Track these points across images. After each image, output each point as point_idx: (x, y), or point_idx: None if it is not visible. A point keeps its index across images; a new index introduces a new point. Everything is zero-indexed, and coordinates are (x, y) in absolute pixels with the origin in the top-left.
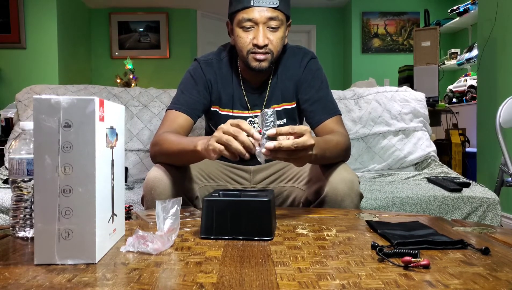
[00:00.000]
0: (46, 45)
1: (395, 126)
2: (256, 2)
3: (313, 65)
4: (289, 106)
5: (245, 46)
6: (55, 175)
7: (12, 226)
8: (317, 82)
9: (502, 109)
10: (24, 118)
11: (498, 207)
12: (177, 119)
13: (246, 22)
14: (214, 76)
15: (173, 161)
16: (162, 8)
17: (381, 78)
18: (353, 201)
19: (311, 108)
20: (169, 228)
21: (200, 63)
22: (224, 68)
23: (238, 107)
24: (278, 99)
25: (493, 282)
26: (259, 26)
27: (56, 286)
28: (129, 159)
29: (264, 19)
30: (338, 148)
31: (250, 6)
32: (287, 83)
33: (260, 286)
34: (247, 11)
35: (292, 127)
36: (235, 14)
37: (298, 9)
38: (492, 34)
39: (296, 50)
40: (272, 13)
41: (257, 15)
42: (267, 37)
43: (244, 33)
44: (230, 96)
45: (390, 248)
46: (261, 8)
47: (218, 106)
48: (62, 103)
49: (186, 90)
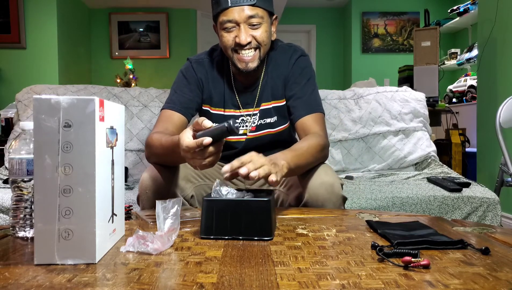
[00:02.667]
0: (46, 45)
1: (395, 126)
2: (233, 2)
3: (302, 63)
4: (279, 103)
5: (228, 45)
6: (55, 175)
7: (12, 226)
8: (303, 79)
9: (502, 109)
10: (24, 118)
11: (498, 207)
12: (170, 118)
13: (227, 24)
14: (206, 75)
15: (164, 161)
16: (162, 8)
17: (381, 78)
18: (335, 205)
19: (293, 103)
20: (169, 228)
21: (191, 63)
22: (215, 67)
23: (229, 106)
24: (269, 97)
25: (493, 282)
26: (240, 25)
27: (56, 286)
28: (129, 159)
29: (244, 18)
30: (311, 152)
31: (228, 7)
32: (277, 80)
33: (260, 286)
34: (226, 13)
35: (239, 159)
36: (217, 17)
37: (298, 9)
38: (492, 34)
39: (286, 48)
40: (251, 11)
41: (236, 15)
42: (249, 34)
43: (227, 34)
44: (221, 95)
45: (390, 248)
46: (240, 8)
47: (209, 105)
48: (62, 103)
49: (178, 89)
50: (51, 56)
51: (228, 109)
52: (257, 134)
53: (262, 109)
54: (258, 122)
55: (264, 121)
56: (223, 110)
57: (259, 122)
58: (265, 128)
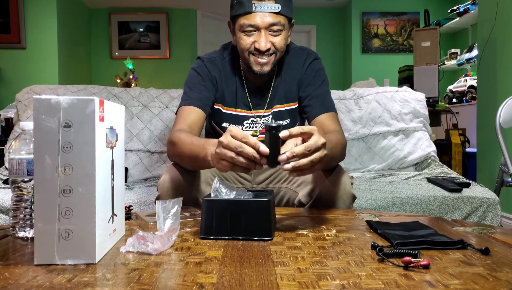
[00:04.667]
0: (46, 45)
1: (395, 126)
2: (258, 8)
3: (316, 65)
4: (292, 106)
5: (246, 48)
6: (55, 175)
7: (12, 226)
8: (318, 80)
9: (502, 109)
10: (24, 118)
11: (498, 207)
12: (190, 114)
13: (248, 27)
14: (219, 74)
15: (186, 165)
16: (162, 8)
17: (381, 78)
18: (345, 203)
19: (309, 103)
20: (169, 228)
21: (204, 61)
22: (227, 66)
23: (241, 106)
24: (281, 99)
25: (493, 282)
26: (261, 31)
27: (56, 286)
28: (129, 159)
29: (266, 25)
30: (339, 147)
31: (252, 12)
32: (291, 83)
33: (260, 286)
34: (249, 17)
35: (301, 127)
36: (237, 18)
37: (298, 9)
38: (492, 34)
39: (300, 51)
40: (274, 19)
41: (259, 20)
42: (269, 40)
43: (246, 37)
44: (234, 95)
45: (390, 248)
46: (263, 14)
47: (221, 104)
48: (62, 103)
49: (194, 86)
50: (51, 56)
51: (239, 109)
52: None
53: (275, 111)
54: None
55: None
56: (234, 109)
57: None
58: None
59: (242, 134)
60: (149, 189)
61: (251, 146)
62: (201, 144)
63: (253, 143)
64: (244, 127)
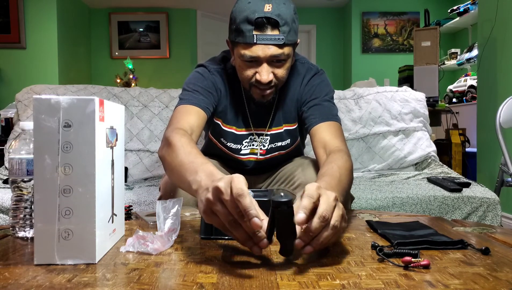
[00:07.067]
0: (46, 45)
1: (395, 126)
2: (259, 39)
3: (315, 80)
4: (291, 126)
5: (246, 79)
6: (55, 175)
7: (12, 226)
8: (319, 94)
9: (502, 109)
10: (24, 118)
11: (498, 207)
12: (193, 114)
13: (248, 58)
14: (224, 87)
15: (169, 175)
16: (162, 8)
17: (381, 78)
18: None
19: (309, 112)
20: (169, 228)
21: (210, 71)
22: (231, 81)
23: (241, 125)
24: (280, 121)
25: (493, 282)
26: (263, 62)
27: (56, 286)
28: (129, 159)
29: (268, 57)
30: (348, 179)
31: (253, 44)
32: (289, 103)
33: (260, 286)
34: (250, 48)
35: (308, 196)
36: (236, 45)
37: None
38: (492, 34)
39: (300, 67)
40: (277, 50)
41: (261, 53)
42: (271, 72)
43: (246, 67)
44: (235, 113)
45: (390, 248)
46: (265, 46)
47: (221, 119)
48: (62, 103)
49: (198, 88)
50: (51, 56)
51: (240, 129)
52: (268, 156)
53: (272, 134)
54: (269, 146)
55: (275, 144)
56: (235, 128)
57: (269, 146)
58: (276, 151)
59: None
60: (149, 189)
61: (246, 209)
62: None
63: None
64: (243, 146)
